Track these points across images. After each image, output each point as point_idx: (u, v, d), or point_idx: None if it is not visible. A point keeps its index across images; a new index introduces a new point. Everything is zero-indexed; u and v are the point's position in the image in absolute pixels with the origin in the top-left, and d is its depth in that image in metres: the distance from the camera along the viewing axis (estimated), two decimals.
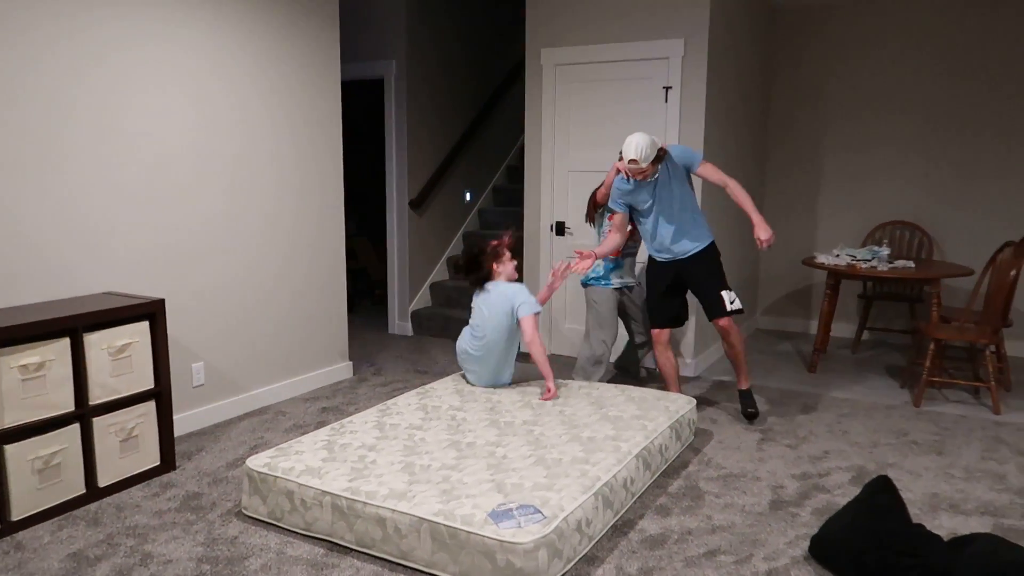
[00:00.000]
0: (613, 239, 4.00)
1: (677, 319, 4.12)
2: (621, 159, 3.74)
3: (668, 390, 4.12)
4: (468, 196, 6.83)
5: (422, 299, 6.35)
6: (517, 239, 3.85)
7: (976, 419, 4.17)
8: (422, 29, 6.01)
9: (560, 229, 5.34)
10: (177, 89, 3.69)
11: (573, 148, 5.22)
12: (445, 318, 6.08)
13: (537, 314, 3.75)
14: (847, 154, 6.01)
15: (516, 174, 7.30)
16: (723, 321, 3.91)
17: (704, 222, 4.00)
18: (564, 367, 5.11)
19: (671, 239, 3.94)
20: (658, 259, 4.05)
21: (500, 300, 3.81)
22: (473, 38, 6.67)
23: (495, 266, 3.92)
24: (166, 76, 3.63)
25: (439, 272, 6.52)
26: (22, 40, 3.05)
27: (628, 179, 3.82)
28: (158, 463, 3.36)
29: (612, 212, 4.04)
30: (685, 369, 5.02)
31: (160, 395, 3.35)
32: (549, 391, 3.71)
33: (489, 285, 3.89)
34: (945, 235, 5.76)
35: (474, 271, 3.93)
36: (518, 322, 3.76)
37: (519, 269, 4.94)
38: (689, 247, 3.95)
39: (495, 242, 3.95)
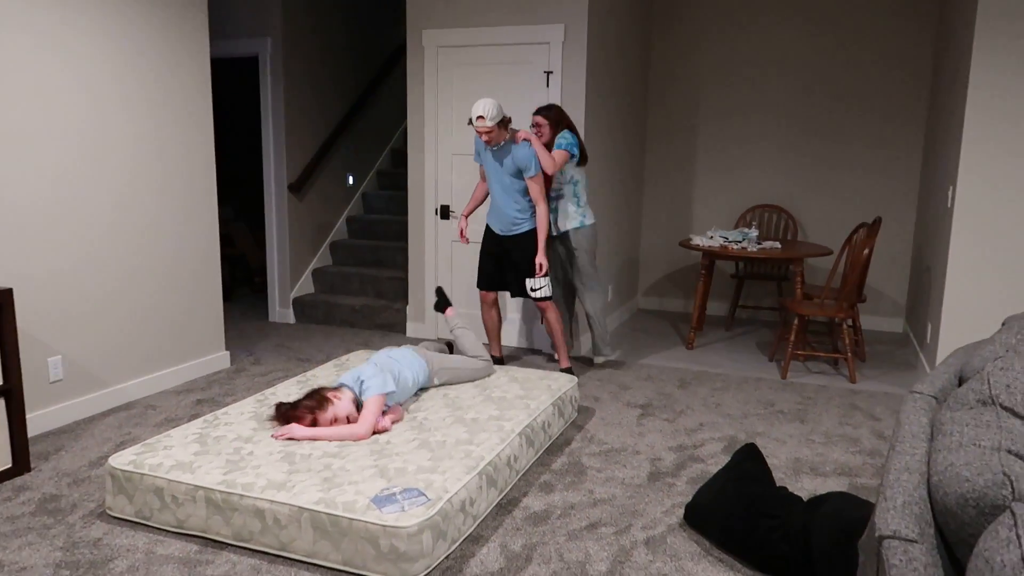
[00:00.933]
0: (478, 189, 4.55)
1: (502, 285, 4.48)
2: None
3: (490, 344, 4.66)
4: (351, 180, 6.68)
5: (304, 286, 6.17)
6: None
7: (835, 388, 4.47)
8: (298, 5, 5.80)
9: (445, 213, 5.30)
10: (24, 59, 3.39)
11: (456, 131, 5.19)
12: (328, 305, 5.94)
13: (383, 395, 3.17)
14: (720, 143, 6.28)
15: (400, 158, 7.20)
16: (539, 303, 4.36)
17: (529, 210, 4.29)
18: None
19: (495, 213, 4.36)
20: (489, 225, 4.46)
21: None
22: (354, 17, 6.51)
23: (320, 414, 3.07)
24: (4, 41, 3.33)
25: (322, 258, 6.35)
26: None
27: (480, 136, 4.12)
28: (10, 465, 3.11)
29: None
30: (570, 350, 5.12)
31: (10, 392, 3.09)
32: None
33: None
34: (807, 218, 6.13)
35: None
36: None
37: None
38: (504, 228, 4.34)
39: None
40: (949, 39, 4.89)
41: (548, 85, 4.88)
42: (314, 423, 3.03)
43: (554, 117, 4.33)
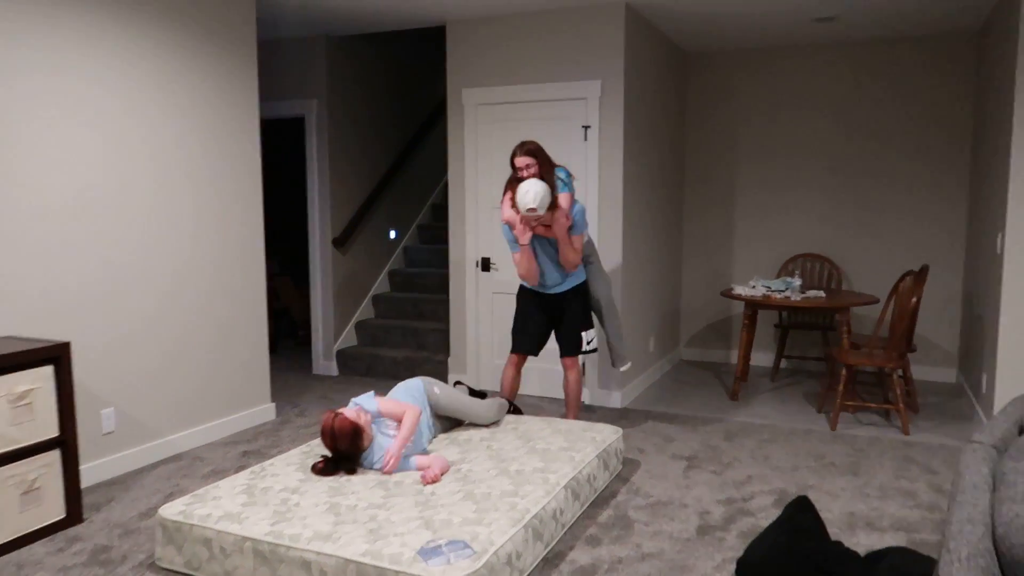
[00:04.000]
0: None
1: (536, 348, 4.25)
2: (513, 205, 3.86)
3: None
4: (393, 234, 6.80)
5: (347, 338, 6.24)
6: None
7: (887, 440, 4.34)
8: (343, 68, 6.02)
9: (486, 265, 5.36)
10: (86, 123, 3.57)
11: (496, 185, 5.28)
12: (371, 357, 5.99)
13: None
14: (760, 191, 6.28)
15: (441, 212, 7.32)
16: (569, 360, 4.18)
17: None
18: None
19: (547, 274, 4.11)
20: (529, 289, 4.21)
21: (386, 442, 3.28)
22: (396, 77, 6.72)
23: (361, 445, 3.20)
24: (72, 110, 3.51)
25: (365, 311, 6.44)
26: None
27: (512, 228, 3.92)
28: (63, 516, 3.17)
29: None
30: (611, 401, 5.07)
31: (65, 443, 3.17)
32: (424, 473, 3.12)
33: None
34: (852, 266, 6.05)
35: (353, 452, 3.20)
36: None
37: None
38: (555, 286, 4.13)
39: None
40: (990, 83, 4.87)
41: (586, 139, 4.96)
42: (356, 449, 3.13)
43: (542, 155, 3.93)
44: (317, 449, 3.46)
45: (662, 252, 5.94)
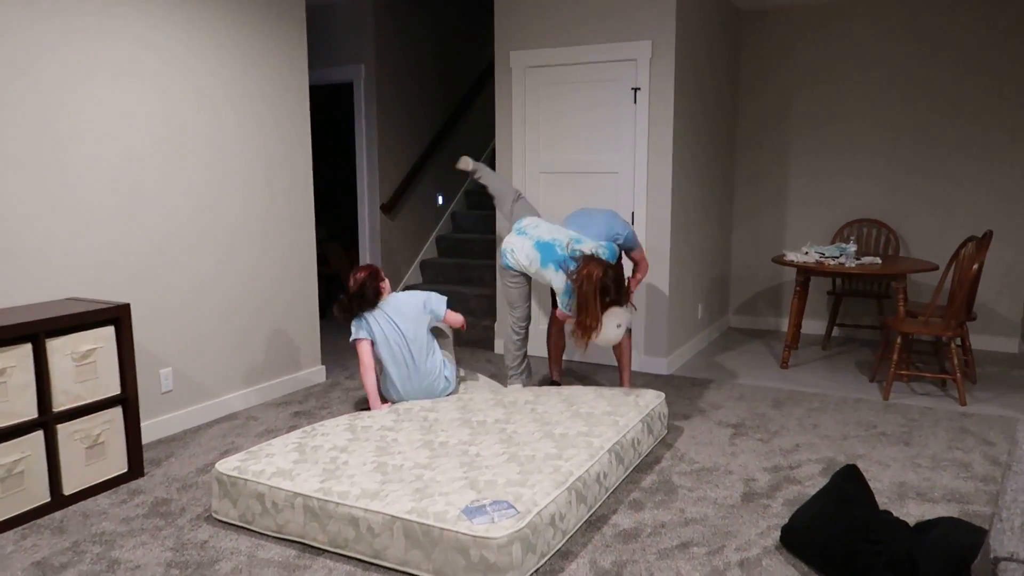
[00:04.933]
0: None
1: None
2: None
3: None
4: (440, 199, 6.82)
5: None
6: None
7: (943, 411, 4.24)
8: (391, 33, 6.01)
9: None
10: (140, 89, 3.64)
11: (544, 150, 5.24)
12: None
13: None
14: (814, 156, 6.10)
15: None
16: None
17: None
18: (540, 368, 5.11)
19: None
20: None
21: (408, 307, 3.87)
22: (443, 41, 6.68)
23: (382, 285, 3.90)
24: (127, 76, 3.58)
25: (412, 276, 6.50)
26: None
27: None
28: (125, 470, 3.31)
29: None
30: (657, 367, 5.05)
31: (126, 401, 3.30)
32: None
33: (382, 303, 3.89)
34: (910, 232, 5.86)
35: (366, 296, 3.86)
36: (434, 322, 3.97)
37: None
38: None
39: (365, 272, 3.90)
40: None
41: (636, 101, 4.87)
42: None
43: (620, 283, 3.78)
44: (366, 411, 3.53)
45: (712, 217, 5.84)
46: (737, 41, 6.16)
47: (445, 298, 3.99)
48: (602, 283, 3.54)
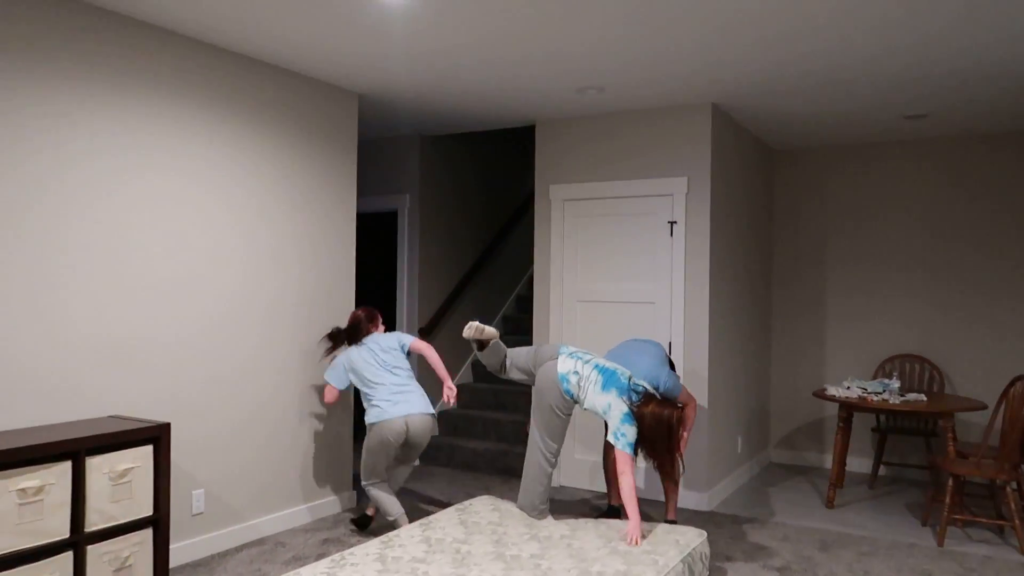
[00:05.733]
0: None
1: None
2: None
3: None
4: None
5: None
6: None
7: (1003, 560, 3.99)
8: (435, 164, 6.30)
9: None
10: (187, 218, 3.83)
11: (581, 279, 5.32)
12: (452, 447, 5.99)
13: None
14: (851, 293, 6.09)
15: (525, 303, 7.40)
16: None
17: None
18: (575, 504, 4.96)
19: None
20: None
21: (387, 341, 4.33)
22: (484, 173, 6.97)
23: (371, 327, 4.40)
24: (174, 207, 3.78)
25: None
26: (29, 165, 3.21)
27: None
28: None
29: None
30: (697, 503, 4.88)
31: (158, 522, 3.26)
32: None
33: (367, 339, 4.35)
34: (954, 369, 5.73)
35: (358, 330, 4.37)
36: (408, 351, 4.36)
37: None
38: None
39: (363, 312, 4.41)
40: None
41: (672, 235, 4.97)
42: None
43: (672, 439, 3.85)
44: (395, 540, 3.45)
45: (750, 350, 5.80)
46: (771, 178, 6.33)
47: (412, 337, 4.42)
48: (670, 423, 3.61)
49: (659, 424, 3.60)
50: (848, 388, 5.00)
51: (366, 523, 4.34)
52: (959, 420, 5.75)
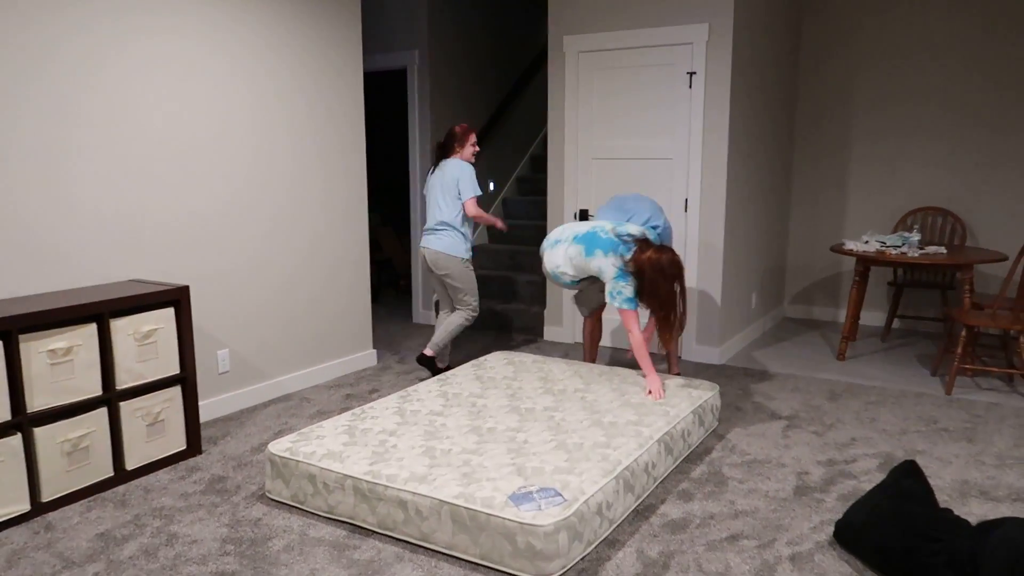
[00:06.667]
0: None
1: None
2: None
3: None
4: (492, 186, 6.82)
5: None
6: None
7: (1009, 407, 4.07)
8: (444, 18, 6.01)
9: (584, 216, 5.31)
10: (196, 80, 3.72)
11: (596, 136, 5.18)
12: None
13: (478, 197, 4.49)
14: (876, 142, 5.90)
15: (540, 163, 7.27)
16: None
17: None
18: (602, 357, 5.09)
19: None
20: None
21: (449, 173, 4.40)
22: (495, 26, 6.66)
23: (457, 146, 4.47)
24: (183, 67, 3.66)
25: None
26: (28, 34, 3.09)
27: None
28: (184, 447, 3.41)
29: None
30: (710, 356, 4.97)
31: (185, 380, 3.39)
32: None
33: (444, 161, 4.47)
34: (978, 221, 5.63)
35: (443, 146, 4.52)
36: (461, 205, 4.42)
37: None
38: None
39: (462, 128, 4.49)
40: None
41: (691, 86, 4.78)
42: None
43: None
44: (414, 395, 3.57)
45: (768, 205, 5.70)
46: (798, 20, 5.99)
47: (474, 192, 4.35)
48: (671, 269, 3.48)
49: (659, 270, 3.48)
50: (867, 242, 4.95)
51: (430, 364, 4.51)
52: (979, 273, 5.71)
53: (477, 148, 4.53)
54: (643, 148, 5.01)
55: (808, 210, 6.25)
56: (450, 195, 4.39)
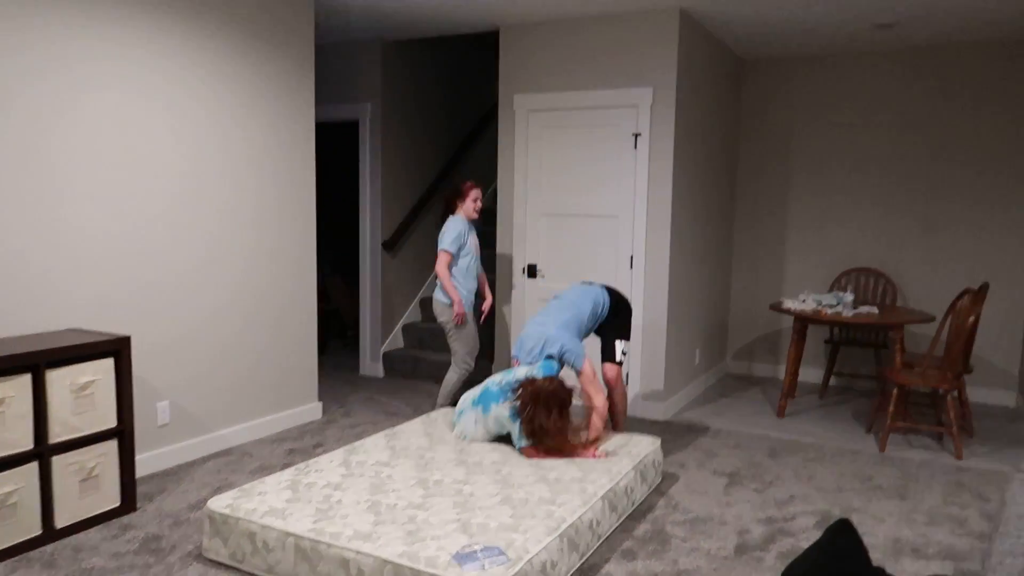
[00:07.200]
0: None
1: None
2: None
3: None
4: None
5: (394, 341, 6.33)
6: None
7: (939, 464, 4.23)
8: (397, 72, 6.11)
9: (532, 271, 5.39)
10: (145, 120, 3.71)
11: (545, 191, 5.30)
12: (416, 360, 6.07)
13: (446, 252, 4.48)
14: (812, 203, 6.16)
15: (490, 216, 7.37)
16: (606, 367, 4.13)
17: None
18: None
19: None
20: None
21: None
22: (448, 82, 6.80)
23: (457, 203, 4.62)
24: (132, 105, 3.65)
25: (412, 313, 6.52)
26: None
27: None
28: (118, 504, 3.30)
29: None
30: (653, 412, 5.05)
31: (122, 434, 3.30)
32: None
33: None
34: (908, 282, 5.90)
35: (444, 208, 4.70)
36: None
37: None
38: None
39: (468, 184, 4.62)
40: None
41: (636, 147, 4.95)
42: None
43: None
44: (360, 448, 3.53)
45: (711, 263, 5.88)
46: (738, 87, 6.27)
47: (445, 246, 4.52)
48: (547, 398, 3.41)
49: (535, 399, 3.39)
50: (803, 301, 5.13)
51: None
52: (909, 332, 5.95)
53: (479, 204, 4.64)
54: (590, 205, 5.14)
55: (749, 267, 6.46)
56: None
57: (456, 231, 4.53)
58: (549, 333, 3.76)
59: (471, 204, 4.62)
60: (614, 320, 4.13)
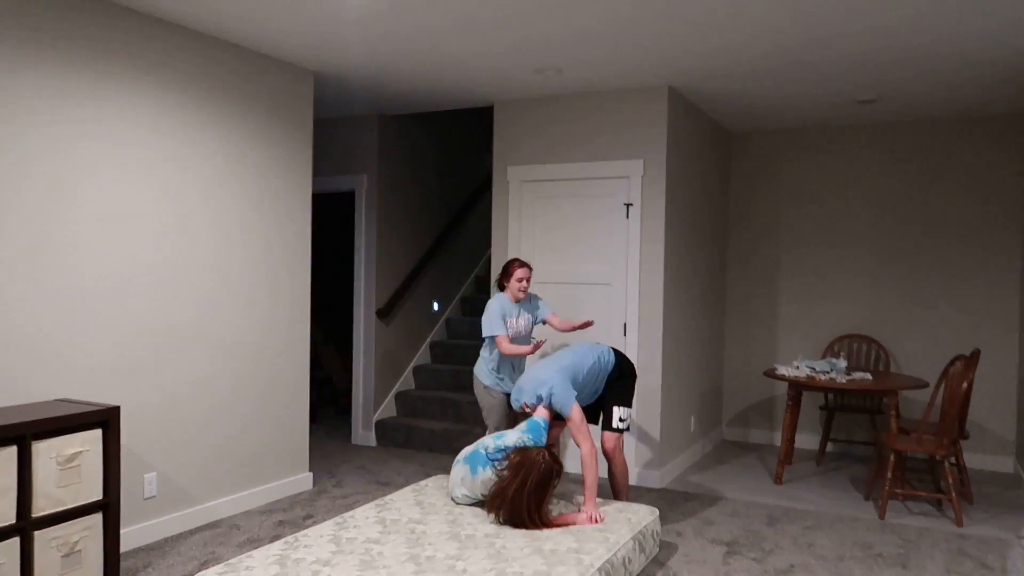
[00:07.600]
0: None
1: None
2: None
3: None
4: (436, 306, 6.90)
5: (387, 409, 6.28)
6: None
7: (940, 531, 4.16)
8: (393, 144, 6.24)
9: None
10: (140, 192, 3.76)
11: (539, 260, 5.35)
12: (409, 428, 6.01)
13: (490, 337, 4.31)
14: (802, 274, 6.23)
15: (484, 284, 7.41)
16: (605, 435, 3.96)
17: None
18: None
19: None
20: None
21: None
22: (443, 154, 6.94)
23: (505, 282, 4.38)
24: (129, 178, 3.71)
25: (405, 381, 6.49)
26: None
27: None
28: None
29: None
30: (650, 480, 4.98)
31: (108, 507, 3.23)
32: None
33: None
34: (900, 348, 5.92)
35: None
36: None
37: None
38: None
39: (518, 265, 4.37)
40: None
41: (628, 216, 5.02)
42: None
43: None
44: (350, 521, 3.46)
45: (704, 330, 5.90)
46: (727, 160, 6.42)
47: (489, 331, 4.31)
48: (522, 470, 3.35)
49: (514, 474, 3.35)
50: (797, 368, 5.13)
51: None
52: (903, 398, 5.94)
53: (524, 284, 4.30)
54: (583, 273, 5.18)
55: (742, 335, 6.48)
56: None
57: (491, 311, 4.28)
58: (543, 376, 3.74)
59: (515, 284, 4.30)
60: (616, 383, 4.02)
